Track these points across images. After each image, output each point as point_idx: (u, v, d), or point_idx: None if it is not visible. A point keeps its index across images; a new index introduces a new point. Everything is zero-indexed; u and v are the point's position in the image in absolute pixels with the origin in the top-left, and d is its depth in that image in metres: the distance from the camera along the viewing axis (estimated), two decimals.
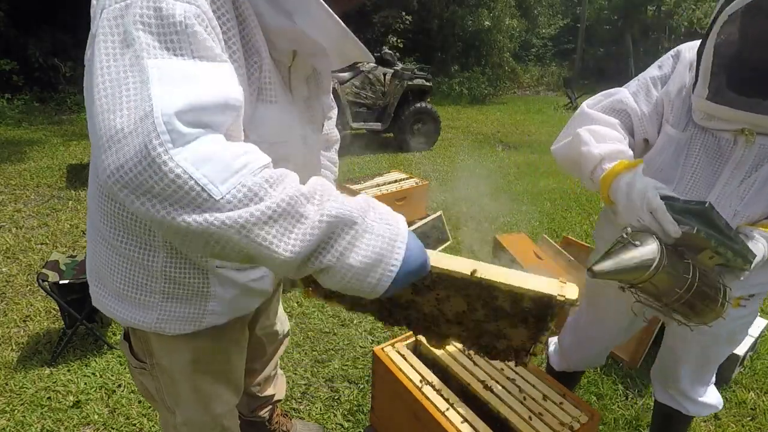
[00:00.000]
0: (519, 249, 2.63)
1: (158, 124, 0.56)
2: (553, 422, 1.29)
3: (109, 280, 0.90)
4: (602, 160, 1.07)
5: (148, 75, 0.59)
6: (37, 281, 2.07)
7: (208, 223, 0.58)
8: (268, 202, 0.61)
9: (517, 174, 5.58)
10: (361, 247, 0.66)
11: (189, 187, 0.57)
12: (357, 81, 6.16)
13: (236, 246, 0.61)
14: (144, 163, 0.56)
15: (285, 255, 0.62)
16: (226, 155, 0.60)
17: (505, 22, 12.36)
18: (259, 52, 0.77)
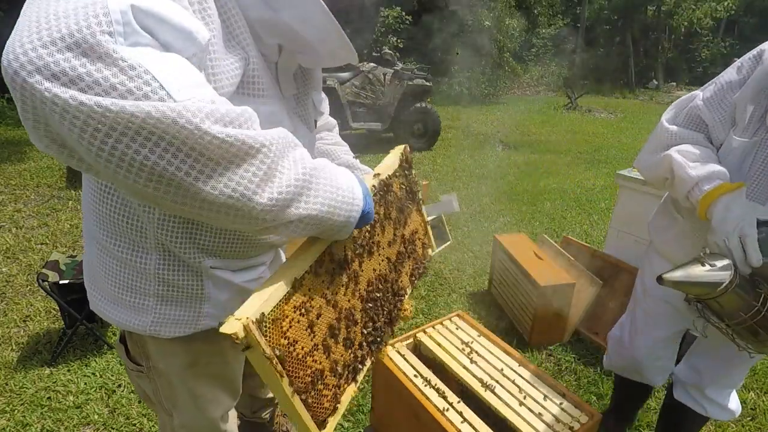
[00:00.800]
0: (519, 249, 2.63)
1: (113, 10, 0.47)
2: (553, 422, 1.29)
3: (103, 284, 0.90)
4: (699, 182, 1.10)
5: None
6: (37, 281, 2.07)
7: (157, 111, 0.47)
8: (223, 105, 0.53)
9: (517, 174, 5.58)
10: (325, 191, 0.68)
11: (144, 81, 0.47)
12: (357, 81, 6.16)
13: (186, 143, 0.50)
14: (84, 45, 0.46)
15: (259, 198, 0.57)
16: (184, 67, 0.52)
17: (505, 22, 12.36)
18: (244, 46, 0.73)
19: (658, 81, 16.51)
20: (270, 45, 0.79)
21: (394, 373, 1.46)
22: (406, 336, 1.66)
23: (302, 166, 0.64)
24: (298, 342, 0.72)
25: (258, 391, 1.51)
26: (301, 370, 0.73)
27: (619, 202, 2.53)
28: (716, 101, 1.16)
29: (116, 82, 0.46)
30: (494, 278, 2.85)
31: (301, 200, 0.64)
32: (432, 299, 2.83)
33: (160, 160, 0.49)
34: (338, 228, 0.73)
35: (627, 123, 9.78)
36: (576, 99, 11.37)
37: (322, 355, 0.78)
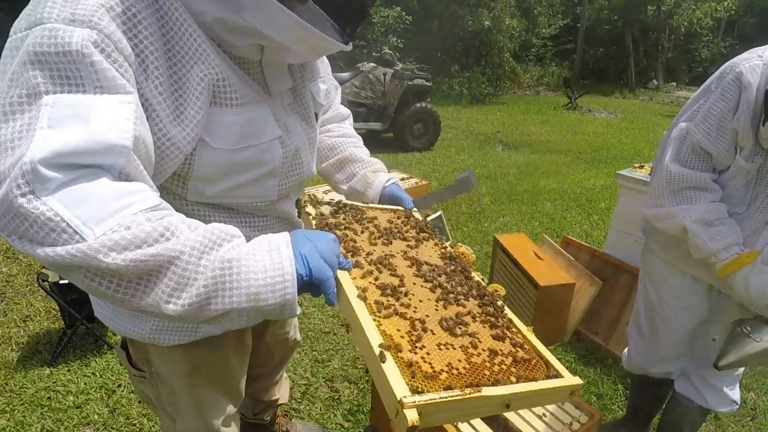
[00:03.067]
0: (519, 249, 2.63)
1: (26, 171, 0.55)
2: (553, 422, 1.29)
3: None
4: (717, 253, 1.22)
5: (39, 113, 0.58)
6: (37, 281, 2.07)
7: (61, 254, 0.56)
8: (135, 229, 0.59)
9: (517, 174, 5.58)
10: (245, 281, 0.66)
11: (62, 229, 0.56)
12: (357, 81, 6.16)
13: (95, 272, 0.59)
14: (12, 211, 0.56)
15: (173, 306, 0.62)
16: (106, 195, 0.59)
17: (505, 22, 12.35)
18: (204, 58, 0.73)
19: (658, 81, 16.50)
20: (243, 46, 0.76)
21: None
22: None
23: (217, 266, 0.64)
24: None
25: (261, 394, 1.51)
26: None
27: (619, 202, 2.53)
28: (715, 132, 1.20)
29: (43, 234, 0.56)
30: (494, 278, 2.85)
31: (218, 299, 0.64)
32: None
33: (92, 283, 0.59)
34: (279, 309, 0.68)
35: (627, 123, 9.78)
36: (576, 99, 11.36)
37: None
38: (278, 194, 0.93)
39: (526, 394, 0.71)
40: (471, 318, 0.83)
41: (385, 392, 0.65)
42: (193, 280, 0.62)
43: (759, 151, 1.17)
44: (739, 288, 1.20)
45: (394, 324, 0.74)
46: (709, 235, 1.21)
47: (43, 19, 0.60)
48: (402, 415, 0.60)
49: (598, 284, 2.43)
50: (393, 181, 1.20)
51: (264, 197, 0.90)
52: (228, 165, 0.80)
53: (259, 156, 0.83)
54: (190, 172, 0.78)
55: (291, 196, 1.01)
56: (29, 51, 0.59)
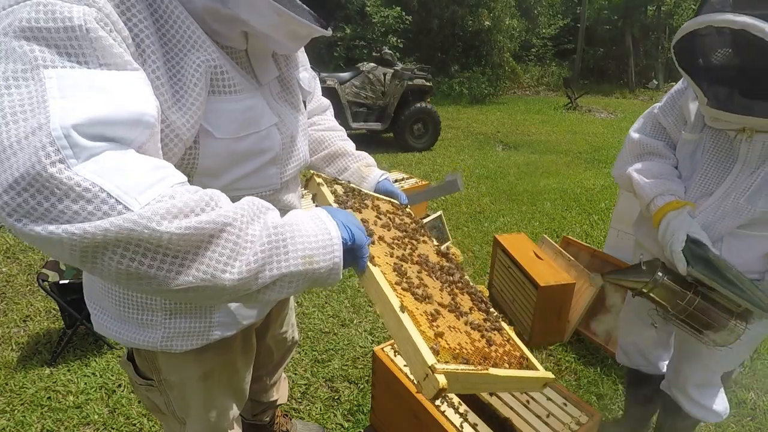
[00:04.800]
0: (519, 249, 2.63)
1: (56, 137, 0.49)
2: (554, 422, 1.29)
3: (107, 304, 0.87)
4: (654, 198, 1.28)
5: (44, 86, 0.52)
6: (37, 281, 2.07)
7: (112, 226, 0.50)
8: (181, 197, 0.56)
9: (517, 174, 5.58)
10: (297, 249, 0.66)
11: (101, 200, 0.50)
12: (357, 81, 6.16)
13: (142, 243, 0.53)
14: (36, 182, 0.48)
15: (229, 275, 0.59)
16: (141, 167, 0.55)
17: (505, 22, 12.34)
18: (198, 45, 0.71)
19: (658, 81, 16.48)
20: (231, 36, 0.77)
21: (394, 373, 1.46)
22: None
23: (269, 232, 0.64)
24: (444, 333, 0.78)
25: (260, 395, 1.51)
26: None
27: (619, 202, 2.53)
28: (668, 107, 1.36)
29: (77, 209, 0.49)
30: (494, 278, 2.85)
31: (273, 264, 0.63)
32: None
33: (131, 263, 0.53)
34: (327, 273, 0.70)
35: (627, 123, 9.76)
36: (576, 99, 11.35)
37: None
38: (281, 182, 0.93)
39: (515, 379, 0.85)
40: (469, 310, 0.94)
41: (415, 358, 0.70)
42: (247, 247, 0.60)
43: (698, 125, 1.25)
44: (660, 231, 1.24)
45: (413, 303, 0.79)
46: (650, 183, 1.30)
47: None
48: (432, 378, 0.66)
49: (599, 284, 2.43)
50: (386, 176, 1.23)
51: (268, 186, 0.90)
52: (231, 155, 0.79)
53: (260, 143, 0.83)
54: (194, 167, 0.76)
55: (291, 186, 1.02)
56: (22, 26, 0.53)
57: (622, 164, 1.45)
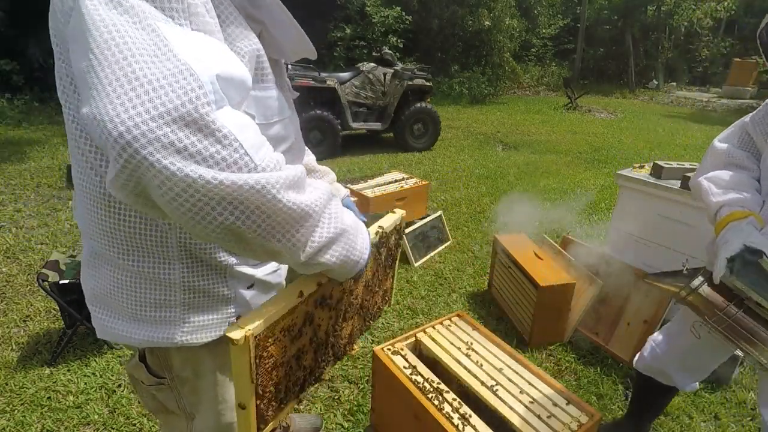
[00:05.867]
0: (519, 249, 2.63)
1: (202, 82, 0.51)
2: (553, 422, 1.29)
3: (118, 304, 0.85)
4: (720, 207, 1.23)
5: (161, 35, 0.53)
6: (37, 281, 2.07)
7: (251, 182, 0.54)
8: (287, 171, 0.61)
9: (517, 174, 5.58)
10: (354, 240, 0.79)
11: (234, 148, 0.53)
12: (357, 81, 6.16)
13: (265, 213, 0.58)
14: (191, 119, 0.50)
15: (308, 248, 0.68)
16: (254, 128, 0.59)
17: (505, 22, 12.34)
18: (245, 32, 0.74)
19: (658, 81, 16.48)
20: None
21: (394, 373, 1.46)
22: (406, 336, 1.66)
23: (335, 222, 0.73)
24: (272, 355, 0.81)
25: None
26: (267, 376, 0.82)
27: (619, 202, 2.53)
28: (760, 116, 1.29)
29: (213, 152, 0.52)
30: (494, 278, 2.85)
31: (329, 249, 0.73)
32: (432, 299, 2.83)
33: (236, 221, 0.56)
34: (350, 269, 0.80)
35: (627, 123, 9.78)
36: (576, 99, 11.35)
37: (286, 368, 0.88)
38: None
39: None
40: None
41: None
42: (319, 229, 0.69)
43: None
44: (718, 241, 1.17)
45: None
46: (718, 193, 1.24)
47: None
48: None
49: (599, 284, 2.43)
50: (348, 193, 1.22)
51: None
52: (275, 136, 0.84)
53: (282, 131, 0.86)
54: None
55: None
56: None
57: (699, 173, 1.37)
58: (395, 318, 2.61)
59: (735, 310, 1.11)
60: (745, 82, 14.61)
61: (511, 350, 1.59)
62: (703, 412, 2.02)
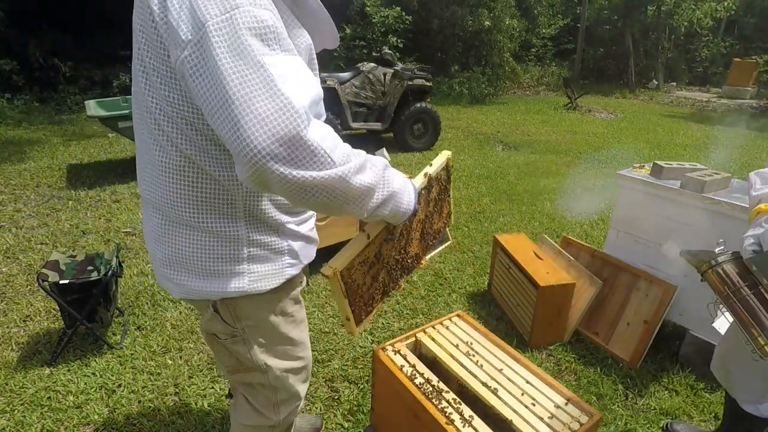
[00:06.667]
0: (519, 249, 2.63)
1: (300, 115, 0.74)
2: (553, 422, 1.29)
3: (196, 263, 1.01)
4: (760, 200, 1.27)
5: (269, 73, 0.74)
6: (37, 281, 2.07)
7: (332, 176, 0.78)
8: (355, 160, 0.84)
9: (517, 174, 5.58)
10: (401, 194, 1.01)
11: (321, 155, 0.76)
12: (357, 81, 6.15)
13: (341, 193, 0.82)
14: (294, 143, 0.73)
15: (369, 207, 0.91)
16: (329, 132, 0.81)
17: (505, 22, 12.32)
18: (299, 30, 0.94)
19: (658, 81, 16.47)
20: None
21: (394, 373, 1.46)
22: (406, 336, 1.66)
23: (387, 188, 0.95)
24: (356, 280, 1.11)
25: None
26: (355, 294, 1.13)
27: (619, 202, 2.53)
28: None
29: (308, 159, 0.75)
30: (494, 278, 2.85)
31: (383, 207, 0.95)
32: (432, 299, 2.83)
33: (325, 198, 0.81)
34: (400, 217, 1.04)
35: (627, 123, 9.78)
36: (576, 99, 11.34)
37: (367, 286, 1.16)
38: None
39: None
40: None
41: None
42: (380, 198, 0.93)
43: None
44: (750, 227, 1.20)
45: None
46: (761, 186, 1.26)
47: (237, 4, 0.75)
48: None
49: (599, 284, 2.43)
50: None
51: None
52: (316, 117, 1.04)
53: (321, 110, 1.03)
54: None
55: None
56: (242, 26, 0.75)
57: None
58: (395, 318, 2.61)
59: (747, 291, 1.13)
60: (745, 82, 14.60)
61: (511, 350, 1.59)
62: (703, 412, 2.02)
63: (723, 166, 2.22)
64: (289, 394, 1.27)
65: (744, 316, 1.12)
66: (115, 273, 2.25)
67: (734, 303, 1.14)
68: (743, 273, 1.16)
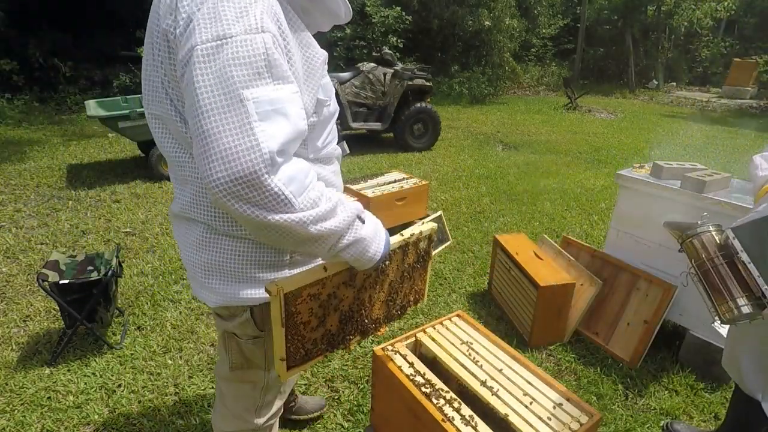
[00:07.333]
0: (519, 249, 2.63)
1: (265, 158, 0.75)
2: (553, 422, 1.29)
3: (238, 270, 1.05)
4: (766, 181, 1.30)
5: (247, 109, 0.75)
6: (37, 281, 2.07)
7: (289, 220, 0.81)
8: (322, 207, 0.87)
9: (517, 174, 5.58)
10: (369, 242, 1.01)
11: (281, 200, 0.79)
12: (357, 81, 6.15)
13: (298, 235, 0.84)
14: (253, 185, 0.76)
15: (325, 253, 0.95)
16: (300, 175, 0.83)
17: (505, 22, 12.31)
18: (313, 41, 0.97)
19: (658, 81, 16.46)
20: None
21: (394, 373, 1.46)
22: (406, 336, 1.66)
23: (354, 234, 0.96)
24: (300, 313, 1.05)
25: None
26: (296, 331, 1.06)
27: (619, 202, 2.53)
28: None
29: (266, 201, 0.78)
30: (494, 278, 2.85)
31: (346, 251, 0.97)
32: (432, 299, 2.83)
33: (280, 238, 0.85)
34: (363, 264, 1.03)
35: (627, 123, 9.78)
36: (576, 99, 11.34)
37: (311, 328, 1.10)
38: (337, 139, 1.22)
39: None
40: None
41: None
42: (343, 243, 0.94)
43: None
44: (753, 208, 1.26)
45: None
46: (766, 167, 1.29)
47: (230, 33, 0.76)
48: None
49: (599, 284, 2.43)
50: None
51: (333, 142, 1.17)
52: (328, 115, 1.06)
53: (333, 108, 1.09)
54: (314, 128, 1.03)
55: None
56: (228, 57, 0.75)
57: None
58: None
59: (721, 260, 1.18)
60: (745, 82, 14.59)
61: (511, 350, 1.59)
62: (703, 412, 2.02)
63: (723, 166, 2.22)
64: (275, 393, 1.30)
65: (715, 283, 1.18)
66: (115, 273, 2.25)
67: (708, 270, 1.20)
68: (720, 245, 1.21)
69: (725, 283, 1.16)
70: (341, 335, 1.19)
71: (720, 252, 1.19)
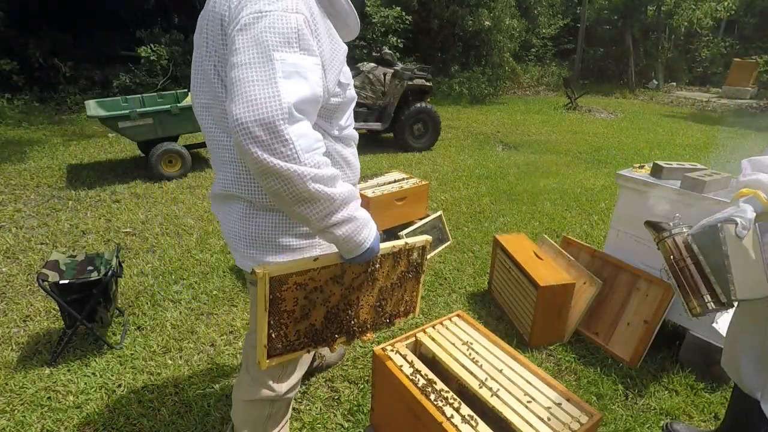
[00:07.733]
0: (519, 249, 2.63)
1: (283, 108, 0.87)
2: (553, 422, 1.29)
3: (279, 242, 1.18)
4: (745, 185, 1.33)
5: (274, 67, 0.89)
6: (37, 281, 2.07)
7: (291, 170, 0.89)
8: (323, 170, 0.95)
9: (517, 174, 5.58)
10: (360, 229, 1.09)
11: (289, 148, 0.88)
12: (357, 81, 6.15)
13: (296, 188, 0.91)
14: (269, 128, 0.87)
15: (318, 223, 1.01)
16: (311, 136, 0.93)
17: (505, 22, 12.31)
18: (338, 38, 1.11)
19: (658, 81, 16.46)
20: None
21: (394, 373, 1.46)
22: (406, 336, 1.66)
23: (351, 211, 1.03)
24: (285, 300, 1.08)
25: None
26: (279, 318, 1.09)
27: (619, 202, 2.53)
28: None
29: (277, 147, 0.88)
30: (494, 278, 2.85)
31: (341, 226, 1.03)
32: (432, 299, 2.83)
33: (279, 189, 0.92)
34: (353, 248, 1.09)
35: (627, 123, 9.78)
36: (576, 99, 11.34)
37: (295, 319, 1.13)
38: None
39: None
40: None
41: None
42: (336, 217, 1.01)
43: None
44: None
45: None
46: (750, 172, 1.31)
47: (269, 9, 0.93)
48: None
49: (599, 284, 2.43)
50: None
51: (352, 125, 1.29)
52: (350, 97, 1.21)
53: (354, 94, 1.22)
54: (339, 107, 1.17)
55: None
56: (266, 26, 0.91)
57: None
58: None
59: (689, 261, 1.28)
60: (745, 82, 14.59)
61: (511, 350, 1.59)
62: (703, 412, 2.02)
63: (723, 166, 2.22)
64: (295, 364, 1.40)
65: (684, 281, 1.28)
66: (115, 273, 2.25)
67: (677, 270, 1.30)
68: (689, 245, 1.31)
69: (694, 281, 1.26)
70: (326, 332, 1.22)
71: (688, 254, 1.29)
